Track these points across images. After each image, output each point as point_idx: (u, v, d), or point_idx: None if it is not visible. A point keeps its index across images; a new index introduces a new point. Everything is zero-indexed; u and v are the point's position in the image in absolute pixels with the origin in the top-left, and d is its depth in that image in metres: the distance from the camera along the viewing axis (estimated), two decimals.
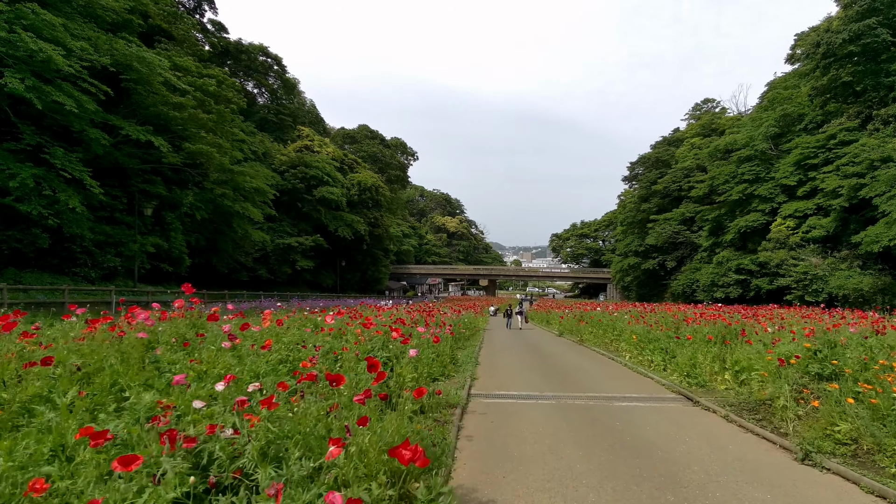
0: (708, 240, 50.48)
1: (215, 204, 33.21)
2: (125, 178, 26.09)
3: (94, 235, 23.73)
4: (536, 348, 15.16)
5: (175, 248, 29.14)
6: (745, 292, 42.76)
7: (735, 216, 45.38)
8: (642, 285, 63.78)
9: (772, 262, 39.61)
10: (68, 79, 17.82)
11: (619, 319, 15.22)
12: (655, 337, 10.49)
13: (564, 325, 20.57)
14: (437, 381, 8.82)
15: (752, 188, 43.33)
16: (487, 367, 10.83)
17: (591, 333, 16.21)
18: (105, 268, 24.55)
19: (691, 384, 8.07)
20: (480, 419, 6.14)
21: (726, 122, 60.31)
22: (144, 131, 20.94)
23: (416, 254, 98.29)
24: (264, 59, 59.54)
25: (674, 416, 6.43)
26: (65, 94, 16.99)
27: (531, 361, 11.82)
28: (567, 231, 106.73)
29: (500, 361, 11.73)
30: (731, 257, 44.37)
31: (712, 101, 71.36)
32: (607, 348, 14.22)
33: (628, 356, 11.76)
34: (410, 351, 4.80)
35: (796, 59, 53.11)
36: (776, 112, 45.28)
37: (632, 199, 69.21)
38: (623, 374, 9.70)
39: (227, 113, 26.61)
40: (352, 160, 60.10)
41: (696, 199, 55.12)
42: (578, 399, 7.44)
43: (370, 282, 65.13)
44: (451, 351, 10.63)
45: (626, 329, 13.07)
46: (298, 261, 47.71)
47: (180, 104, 22.39)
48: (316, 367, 4.14)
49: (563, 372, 10.15)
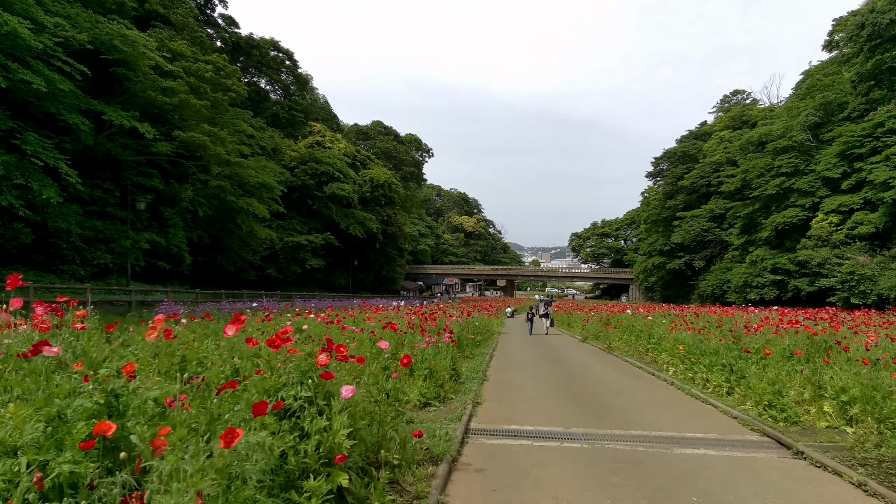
0: (740, 238, 47.37)
1: (219, 200, 31.71)
2: (118, 170, 24.62)
3: (82, 230, 22.27)
4: (557, 358, 12.94)
5: (174, 245, 27.60)
6: (782, 293, 39.79)
7: (770, 212, 42.29)
8: (667, 286, 60.76)
9: (813, 261, 36.62)
10: (41, 57, 16.25)
11: (656, 324, 12.91)
12: (712, 349, 8.22)
13: (589, 330, 18.28)
14: (430, 407, 6.75)
15: (791, 182, 40.21)
16: (497, 385, 8.71)
17: (622, 340, 13.95)
18: (95, 265, 23.07)
19: (776, 419, 5.84)
20: (475, 486, 4.03)
21: (758, 114, 56.93)
22: (129, 117, 19.31)
23: (432, 254, 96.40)
24: (276, 55, 58.26)
25: (776, 480, 4.21)
26: (33, 73, 15.37)
27: (552, 377, 9.64)
28: (587, 230, 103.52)
29: (513, 377, 9.58)
30: (766, 256, 41.34)
31: (742, 93, 67.87)
32: (642, 358, 11.96)
33: (672, 370, 9.53)
34: (344, 390, 2.78)
35: (834, 45, 49.77)
36: (815, 100, 42.08)
37: (656, 195, 66.07)
38: (673, 399, 7.47)
39: (224, 101, 24.92)
40: (364, 156, 58.38)
41: (727, 195, 52.00)
42: (621, 441, 5.28)
43: (384, 282, 63.30)
44: (451, 364, 8.55)
45: (668, 337, 10.80)
46: (308, 259, 46.10)
47: (171, 89, 20.71)
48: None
49: (594, 393, 7.97)
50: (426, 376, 7.18)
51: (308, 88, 65.48)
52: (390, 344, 8.52)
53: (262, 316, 11.82)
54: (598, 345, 16.03)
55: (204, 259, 35.16)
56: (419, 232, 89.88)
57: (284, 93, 61.16)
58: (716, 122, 65.13)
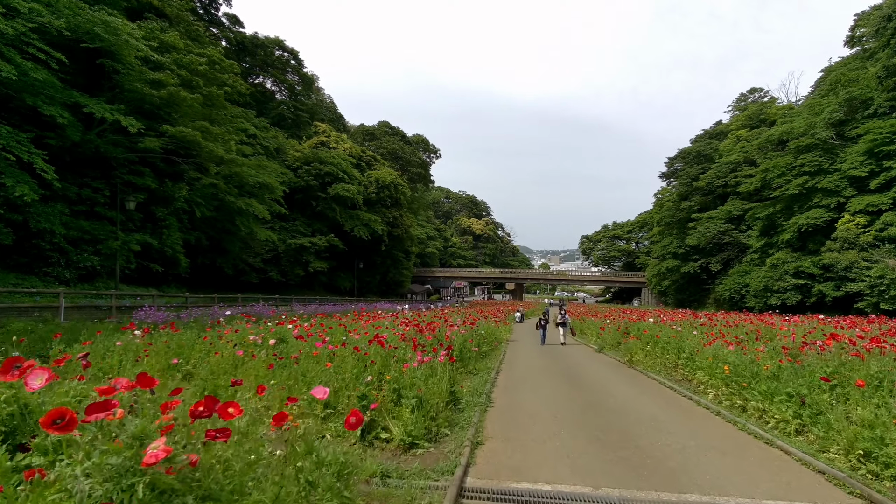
0: (759, 240, 45.43)
1: (219, 201, 30.57)
2: (109, 168, 23.49)
3: (66, 231, 21.14)
4: (573, 375, 11.41)
5: (168, 246, 26.43)
6: (805, 298, 37.92)
7: (793, 213, 40.38)
8: (681, 290, 58.83)
9: (839, 264, 34.78)
10: (13, 44, 15.10)
11: (685, 335, 11.34)
12: (770, 373, 6.66)
13: (606, 339, 16.70)
14: (416, 449, 5.31)
15: (814, 181, 38.32)
16: (504, 413, 7.23)
17: (645, 352, 12.40)
18: (81, 267, 21.91)
19: (880, 476, 4.33)
20: None
21: (777, 112, 54.91)
22: (113, 110, 18.12)
23: (440, 256, 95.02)
24: (281, 54, 57.37)
25: None
26: (3, 59, 14.21)
27: (570, 402, 8.14)
28: (598, 232, 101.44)
29: (523, 401, 8.08)
30: (787, 259, 39.42)
31: (759, 91, 65.76)
32: (671, 375, 10.43)
33: (713, 394, 8.00)
34: None
35: (856, 40, 47.72)
36: (839, 96, 40.13)
37: (670, 197, 64.08)
38: (727, 438, 5.91)
39: (219, 96, 23.70)
40: (370, 157, 57.14)
41: (745, 196, 50.07)
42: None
43: (391, 285, 61.95)
44: (449, 385, 7.11)
45: (704, 351, 9.26)
46: (312, 262, 44.89)
47: (159, 81, 19.51)
48: None
49: (625, 428, 6.45)
50: (415, 406, 5.75)
51: (314, 88, 64.52)
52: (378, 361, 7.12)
53: (235, 325, 10.50)
54: (616, 356, 14.48)
55: (203, 262, 34.04)
56: (427, 235, 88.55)
57: (290, 93, 60.23)
58: (732, 120, 63.08)
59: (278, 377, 6.36)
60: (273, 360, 7.01)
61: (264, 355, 7.42)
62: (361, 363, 7.00)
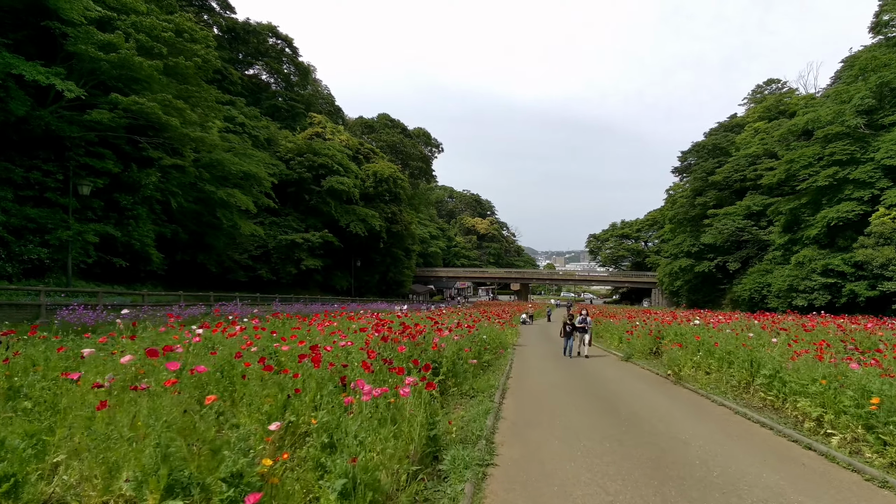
0: (782, 236, 42.26)
1: (199, 191, 27.89)
2: (62, 149, 20.76)
3: (8, 218, 18.44)
4: (606, 397, 8.48)
5: (136, 239, 23.70)
6: (835, 299, 34.85)
7: (820, 206, 37.27)
8: (694, 290, 55.78)
9: (873, 261, 31.84)
10: None
11: (761, 343, 8.42)
12: None
13: (634, 346, 13.81)
14: None
15: (845, 171, 35.21)
16: (513, 487, 4.37)
17: (694, 363, 9.51)
18: (27, 260, 19.16)
19: None
20: None
21: (797, 102, 51.73)
22: (48, 73, 15.38)
23: (444, 256, 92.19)
24: (274, 42, 54.68)
25: None
26: None
27: (615, 452, 5.26)
28: (606, 231, 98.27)
29: (544, 456, 5.15)
30: (815, 256, 36.33)
31: (777, 82, 62.51)
32: (741, 398, 7.59)
33: (838, 439, 5.16)
34: None
35: (882, 25, 44.60)
36: (870, 82, 37.04)
37: (683, 192, 60.88)
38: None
39: (188, 67, 20.94)
40: (368, 150, 54.34)
41: (765, 190, 46.97)
42: None
43: (391, 285, 59.08)
44: (421, 436, 4.28)
45: (801, 368, 6.41)
46: (305, 259, 42.06)
47: (110, 43, 16.77)
48: None
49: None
50: (343, 492, 2.92)
51: (310, 79, 61.79)
52: (310, 391, 4.32)
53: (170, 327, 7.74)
54: (650, 368, 11.59)
55: (183, 258, 31.33)
56: (430, 234, 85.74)
57: (285, 84, 57.58)
58: (749, 112, 59.86)
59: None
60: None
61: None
62: (282, 394, 4.21)
